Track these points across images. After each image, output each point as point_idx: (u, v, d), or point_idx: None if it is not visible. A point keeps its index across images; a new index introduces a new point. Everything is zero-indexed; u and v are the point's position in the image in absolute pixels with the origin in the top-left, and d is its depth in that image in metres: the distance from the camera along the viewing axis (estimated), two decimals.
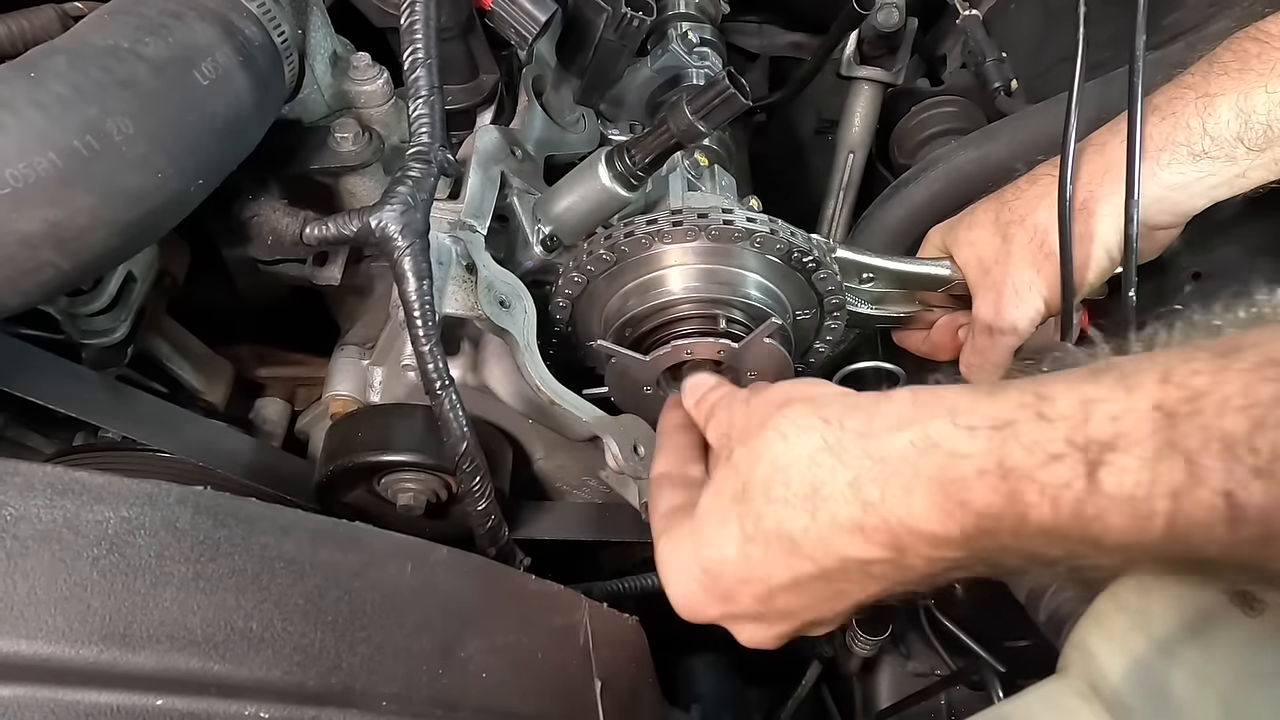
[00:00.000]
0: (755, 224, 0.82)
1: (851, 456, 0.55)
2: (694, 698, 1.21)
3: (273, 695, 0.54)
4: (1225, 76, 0.80)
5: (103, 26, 0.62)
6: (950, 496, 0.51)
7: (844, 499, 0.55)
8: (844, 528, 0.55)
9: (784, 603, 0.61)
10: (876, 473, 0.54)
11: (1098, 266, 0.87)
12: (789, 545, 0.57)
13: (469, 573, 0.68)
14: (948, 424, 0.52)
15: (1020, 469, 0.49)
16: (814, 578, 0.58)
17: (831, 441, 0.56)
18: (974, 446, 0.50)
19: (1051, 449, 0.48)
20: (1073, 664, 0.65)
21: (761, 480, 0.58)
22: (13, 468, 0.53)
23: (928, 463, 0.52)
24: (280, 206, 0.78)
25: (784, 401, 0.61)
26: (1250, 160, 0.80)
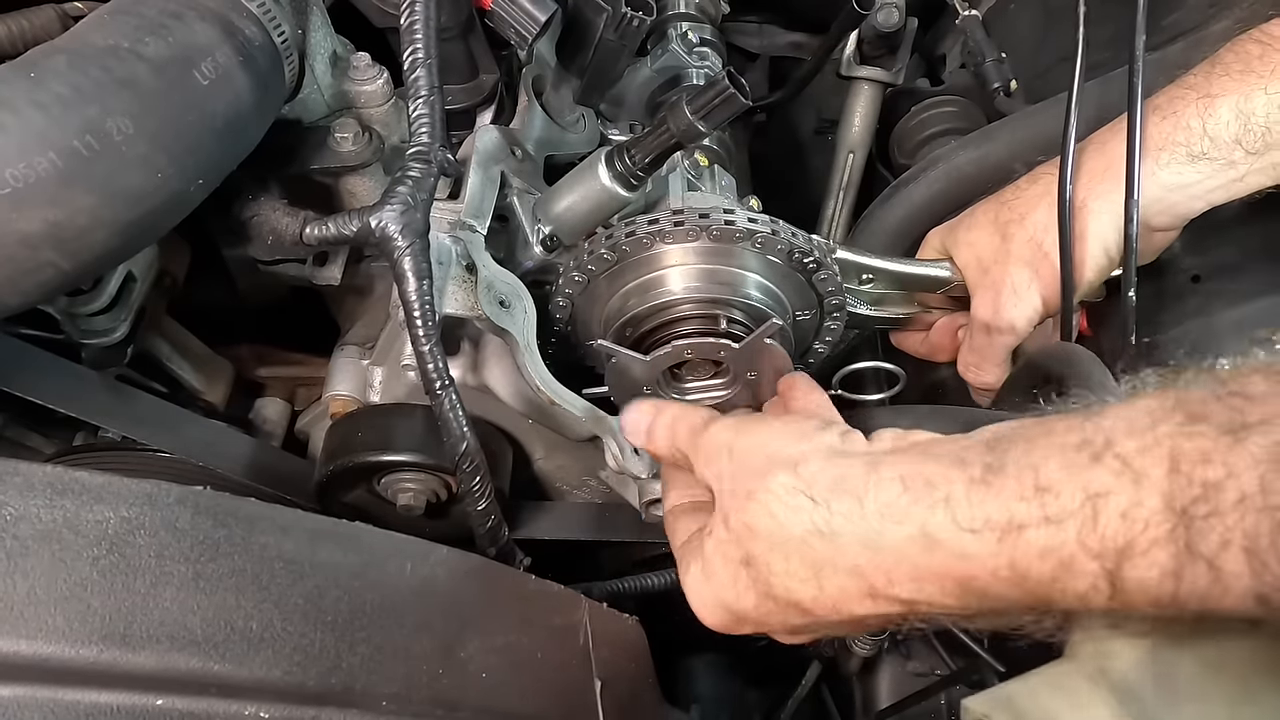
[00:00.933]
0: (756, 224, 0.82)
1: (846, 544, 0.54)
2: (694, 698, 1.21)
3: (273, 695, 0.54)
4: (1227, 78, 0.80)
5: (103, 26, 0.62)
6: (970, 590, 0.51)
7: (850, 581, 0.55)
8: (853, 596, 0.56)
9: (809, 631, 0.63)
10: (879, 562, 0.53)
11: (1096, 266, 0.87)
12: (801, 609, 0.58)
13: (469, 573, 0.68)
14: (946, 519, 0.51)
15: (1037, 576, 0.48)
16: (828, 624, 0.60)
17: (822, 526, 0.55)
18: (981, 549, 0.49)
19: (1065, 555, 0.46)
20: (1081, 649, 0.65)
21: (762, 555, 0.58)
22: (13, 468, 0.53)
23: (934, 560, 0.51)
24: (280, 206, 0.78)
25: (762, 470, 0.59)
26: (1248, 164, 0.80)
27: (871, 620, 0.58)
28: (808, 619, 0.59)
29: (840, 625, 0.60)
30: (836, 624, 0.60)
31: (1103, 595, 0.46)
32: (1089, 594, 0.46)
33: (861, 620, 0.58)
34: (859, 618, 0.57)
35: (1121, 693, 0.60)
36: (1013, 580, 0.49)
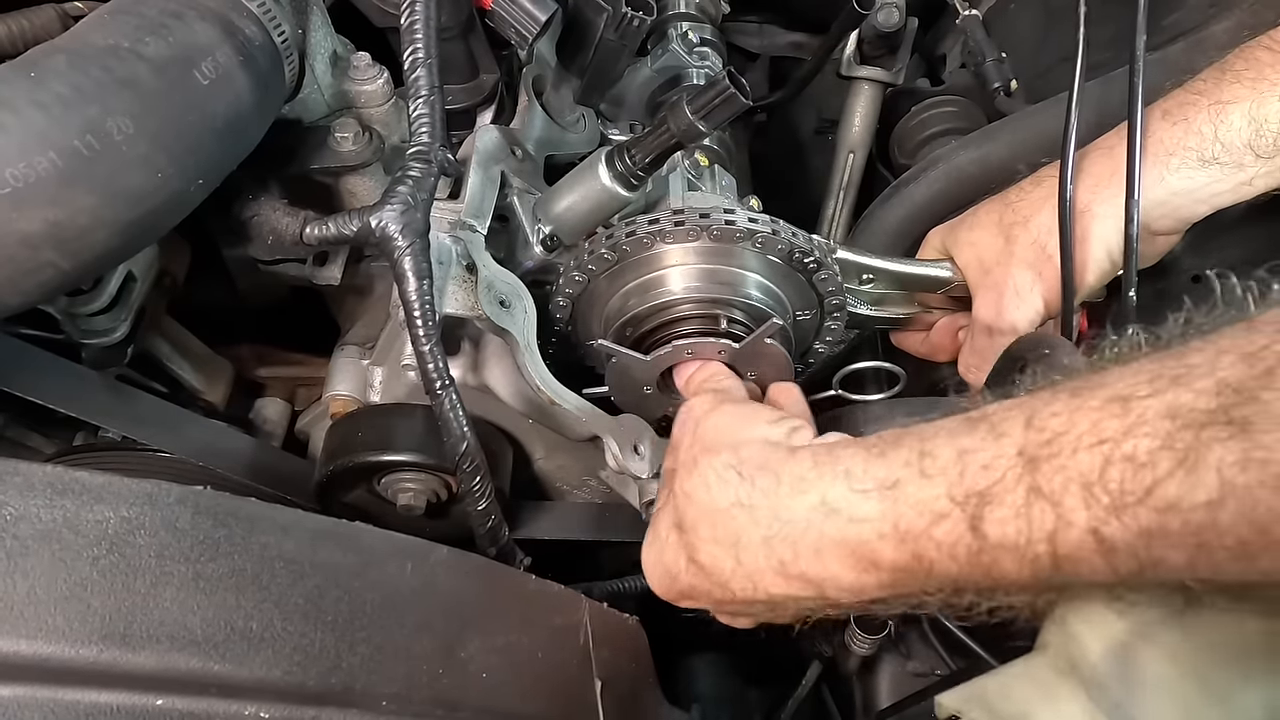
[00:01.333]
0: (757, 224, 0.82)
1: (762, 515, 0.60)
2: (694, 698, 1.21)
3: (273, 695, 0.54)
4: (1238, 84, 0.80)
5: (103, 26, 0.62)
6: (861, 558, 0.55)
7: (762, 553, 0.60)
8: (765, 573, 0.60)
9: (733, 609, 0.67)
10: (785, 533, 0.58)
11: (1098, 268, 0.87)
12: (721, 580, 0.63)
13: (469, 573, 0.68)
14: (844, 488, 0.56)
15: (914, 530, 0.52)
16: (746, 602, 0.63)
17: (744, 498, 0.61)
18: (869, 510, 0.54)
19: (936, 507, 0.51)
20: (1053, 641, 0.65)
21: (692, 520, 0.64)
22: (13, 468, 0.53)
23: (831, 527, 0.56)
24: (280, 206, 0.78)
25: (712, 446, 0.66)
26: (1257, 168, 0.80)
27: (787, 604, 0.62)
28: (728, 595, 0.63)
29: (759, 606, 0.64)
30: (756, 604, 0.63)
31: (966, 546, 0.50)
32: (956, 546, 0.50)
33: (776, 602, 0.62)
34: (774, 598, 0.61)
35: (1092, 685, 0.61)
36: (896, 540, 0.53)
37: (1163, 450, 0.43)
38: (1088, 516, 0.45)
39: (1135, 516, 0.44)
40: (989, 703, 0.67)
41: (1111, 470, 0.44)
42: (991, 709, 0.67)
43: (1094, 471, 0.45)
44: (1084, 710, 0.61)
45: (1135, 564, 0.45)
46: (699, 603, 0.69)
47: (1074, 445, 0.46)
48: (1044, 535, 0.47)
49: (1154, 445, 0.43)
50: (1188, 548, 0.43)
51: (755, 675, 1.31)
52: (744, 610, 0.67)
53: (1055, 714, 0.62)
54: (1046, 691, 0.63)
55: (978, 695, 0.69)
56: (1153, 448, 0.43)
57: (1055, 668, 0.64)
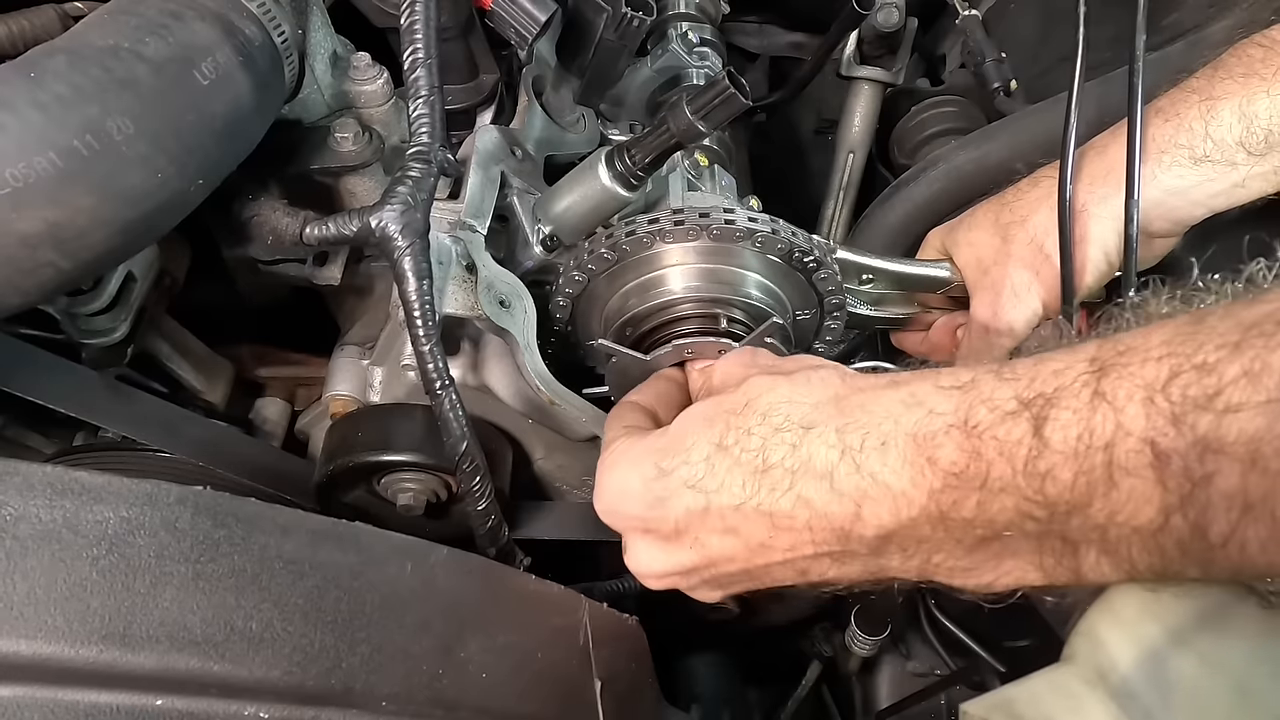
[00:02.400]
0: (757, 224, 0.82)
1: (849, 407, 0.58)
2: (694, 698, 1.21)
3: (273, 695, 0.54)
4: (1230, 80, 0.80)
5: (103, 26, 0.62)
6: (921, 451, 0.53)
7: (828, 442, 0.57)
8: (817, 471, 0.57)
9: (708, 528, 0.61)
10: (864, 422, 0.57)
11: (1096, 269, 0.87)
12: (759, 468, 0.59)
13: (469, 573, 0.68)
14: (931, 385, 0.56)
15: (981, 425, 0.51)
16: (760, 510, 0.59)
17: (841, 394, 0.60)
18: (947, 404, 0.54)
19: (1006, 406, 0.51)
20: (1080, 652, 0.65)
21: (767, 404, 0.61)
22: (13, 468, 0.53)
23: (909, 418, 0.55)
24: (280, 206, 0.78)
25: (818, 364, 0.65)
26: (1250, 167, 0.80)
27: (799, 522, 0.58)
28: (749, 492, 0.59)
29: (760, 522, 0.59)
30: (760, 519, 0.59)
31: (1026, 450, 0.49)
32: (1017, 448, 0.49)
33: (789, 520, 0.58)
34: (795, 513, 0.57)
35: (1121, 696, 0.61)
36: (961, 435, 0.52)
37: (1231, 356, 0.43)
38: (1146, 425, 0.45)
39: (1194, 425, 0.43)
40: (1015, 712, 0.66)
41: (1178, 379, 0.44)
42: (1018, 718, 0.66)
43: (1160, 380, 0.45)
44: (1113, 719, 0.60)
45: (1188, 484, 0.44)
46: (662, 512, 0.62)
47: (1144, 356, 0.46)
48: (1102, 443, 0.46)
49: (1223, 353, 0.43)
50: (1241, 461, 0.42)
51: (755, 675, 1.32)
52: (713, 533, 0.61)
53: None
54: (1074, 702, 0.63)
55: (1003, 704, 0.68)
56: (1222, 355, 0.43)
57: (1083, 678, 0.64)
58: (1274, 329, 0.42)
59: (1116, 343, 0.48)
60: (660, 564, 0.65)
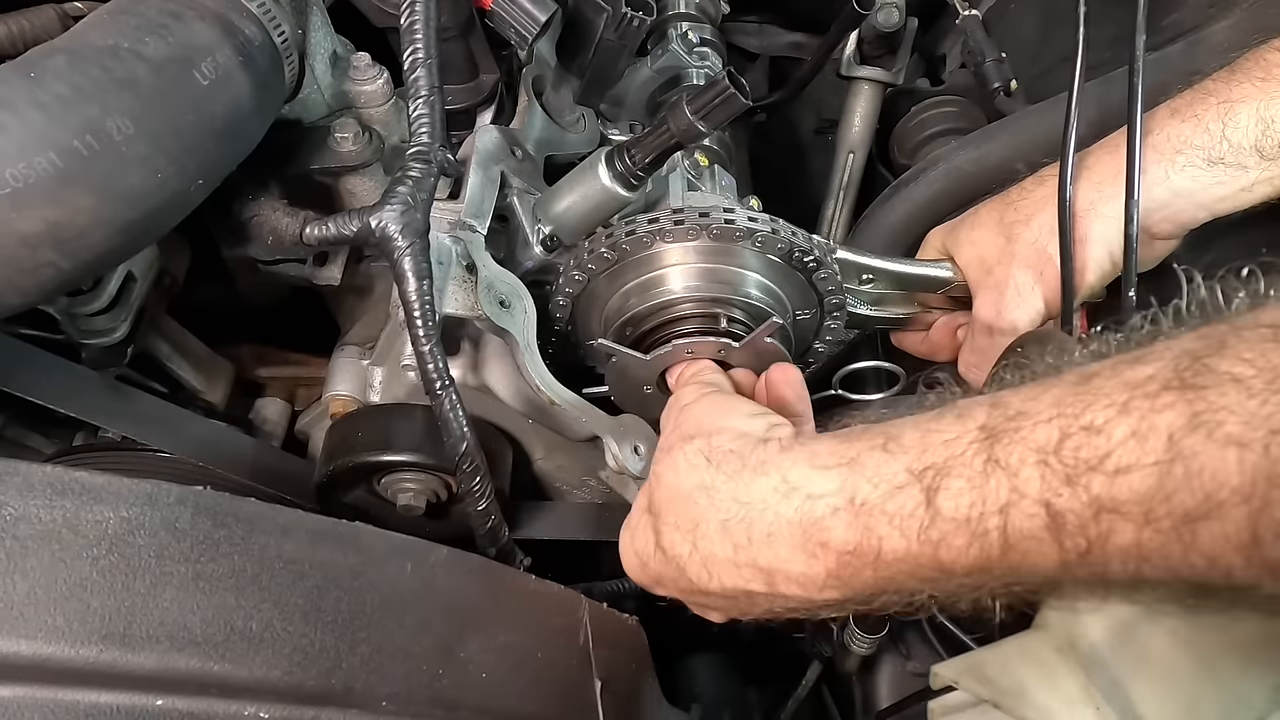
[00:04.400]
0: (756, 223, 0.82)
1: (722, 499, 0.60)
2: (694, 698, 1.21)
3: (272, 695, 0.54)
4: (1248, 83, 0.81)
5: (102, 26, 0.62)
6: (810, 538, 0.55)
7: (717, 538, 0.60)
8: (719, 561, 0.60)
9: (700, 600, 0.67)
10: (742, 516, 0.59)
11: (1099, 269, 0.87)
12: (679, 566, 0.63)
13: (469, 573, 0.68)
14: (806, 466, 0.57)
15: (869, 502, 0.52)
16: (708, 592, 0.63)
17: (707, 483, 0.62)
18: (827, 485, 0.55)
19: (895, 480, 0.52)
20: (1052, 620, 0.66)
21: (660, 504, 0.65)
22: (13, 468, 0.53)
23: (787, 507, 0.56)
24: (280, 206, 0.78)
25: (690, 434, 0.67)
26: (1260, 171, 0.81)
27: (739, 598, 0.62)
28: (687, 583, 0.63)
29: (716, 598, 0.64)
30: (712, 595, 0.63)
31: (918, 521, 0.50)
32: (909, 520, 0.50)
33: (730, 593, 0.61)
34: (727, 589, 0.61)
35: (1090, 664, 0.61)
36: (849, 515, 0.53)
37: (1119, 418, 0.43)
38: (1041, 487, 0.45)
39: (1087, 485, 0.44)
40: (986, 675, 0.68)
41: (1069, 441, 0.45)
42: (988, 681, 0.67)
43: (1051, 443, 0.45)
44: (1081, 688, 0.61)
45: (1084, 541, 0.44)
46: (667, 590, 0.69)
47: (1034, 420, 0.47)
48: (996, 508, 0.47)
49: (1111, 414, 0.44)
50: (1135, 520, 0.42)
51: (755, 675, 1.31)
52: (705, 601, 0.67)
53: (1052, 689, 0.63)
54: (1044, 668, 0.64)
55: (974, 667, 0.69)
56: (1109, 416, 0.44)
57: (1053, 645, 0.64)
58: (1158, 390, 0.43)
59: (1005, 408, 0.49)
60: (707, 616, 0.71)
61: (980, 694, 0.68)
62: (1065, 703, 0.62)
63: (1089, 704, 0.61)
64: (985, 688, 0.67)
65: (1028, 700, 0.63)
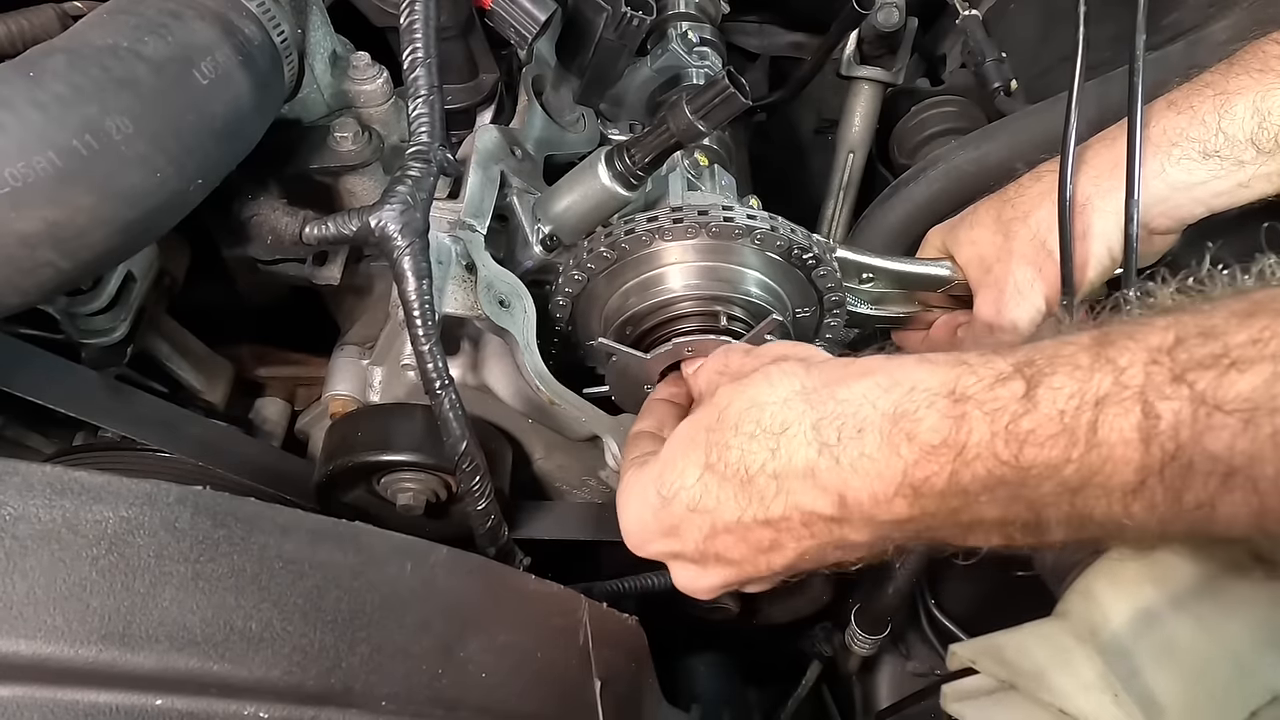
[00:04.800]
0: (755, 221, 0.82)
1: (820, 399, 0.58)
2: (694, 698, 1.21)
3: (272, 695, 0.54)
4: (1245, 76, 0.81)
5: (102, 26, 0.62)
6: (899, 428, 0.53)
7: (805, 440, 0.57)
8: (798, 471, 0.57)
9: (723, 545, 0.63)
10: (839, 412, 0.56)
11: (1099, 265, 0.87)
12: (743, 480, 0.60)
13: (469, 573, 0.68)
14: (914, 364, 0.55)
15: (969, 393, 0.51)
16: (757, 520, 0.60)
17: (808, 387, 0.59)
18: (932, 379, 0.53)
19: (1000, 373, 0.51)
20: (1074, 608, 0.66)
21: (737, 413, 0.61)
22: (12, 468, 0.53)
23: (887, 399, 0.55)
24: (280, 206, 0.78)
25: (781, 355, 0.64)
26: (1257, 166, 0.80)
27: (793, 526, 0.59)
28: (743, 506, 0.60)
29: (761, 531, 0.60)
30: (756, 528, 0.60)
31: (1011, 413, 0.49)
32: (1002, 410, 0.49)
33: (783, 519, 0.59)
34: (787, 512, 0.58)
35: (1110, 651, 0.61)
36: (945, 404, 0.52)
37: (1241, 325, 0.43)
38: (1144, 383, 0.45)
39: (1193, 383, 0.43)
40: (1004, 657, 0.67)
41: (1183, 344, 0.45)
42: (1005, 663, 0.67)
43: (1166, 344, 0.45)
44: (1099, 675, 0.61)
45: (1173, 444, 0.44)
46: (680, 537, 0.64)
47: (1151, 325, 0.47)
48: (1093, 400, 0.46)
49: (1232, 323, 0.44)
50: (1236, 419, 0.42)
51: (755, 675, 1.32)
52: (731, 547, 0.63)
53: (1071, 675, 0.62)
54: (1063, 654, 0.64)
55: (993, 649, 0.69)
56: (1231, 324, 0.44)
57: (1073, 632, 0.64)
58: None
59: (1123, 320, 0.49)
60: (701, 582, 0.68)
61: (998, 675, 0.67)
62: (1082, 688, 0.61)
63: (1107, 690, 0.60)
64: (1003, 669, 0.67)
65: (1045, 683, 0.63)
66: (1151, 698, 0.58)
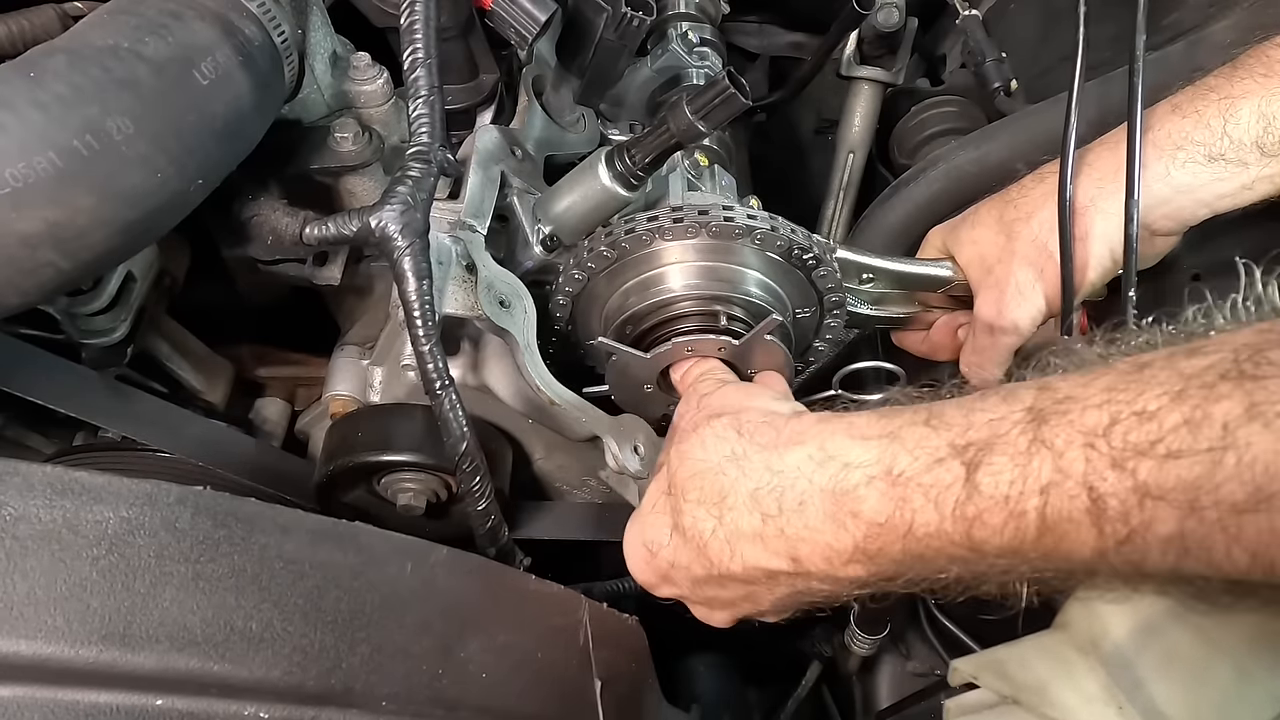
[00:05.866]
0: (755, 221, 0.82)
1: (753, 468, 0.59)
2: (694, 698, 1.21)
3: (272, 695, 0.54)
4: (1249, 80, 0.81)
5: (103, 26, 0.62)
6: (842, 506, 0.54)
7: (745, 508, 0.59)
8: (745, 535, 0.59)
9: (710, 592, 0.66)
10: (774, 484, 0.58)
11: (1100, 266, 0.87)
12: (699, 545, 0.62)
13: (469, 573, 0.68)
14: (844, 437, 0.56)
15: (906, 474, 0.52)
16: (724, 576, 0.62)
17: (739, 453, 0.61)
18: (865, 455, 0.54)
19: (935, 454, 0.51)
20: (1074, 619, 0.65)
21: (682, 480, 0.63)
22: (13, 468, 0.53)
23: (822, 474, 0.55)
24: (280, 206, 0.78)
25: (717, 411, 0.66)
26: (1260, 168, 0.80)
27: (760, 579, 0.60)
28: (704, 565, 0.62)
29: (734, 585, 0.63)
30: (730, 579, 0.62)
31: (955, 497, 0.49)
32: (945, 494, 0.50)
33: (750, 575, 0.60)
34: (748, 569, 0.60)
35: (1112, 663, 0.61)
36: (885, 485, 0.52)
37: (1173, 405, 0.43)
38: (1086, 470, 0.45)
39: (1134, 470, 0.43)
40: (1005, 671, 0.67)
41: (1118, 426, 0.44)
42: (1007, 677, 0.67)
43: (1100, 426, 0.45)
44: (1102, 686, 0.61)
45: (1124, 528, 0.44)
46: (675, 586, 0.67)
47: (1084, 404, 0.46)
48: (1037, 488, 0.46)
49: (1164, 401, 0.43)
50: (1180, 508, 0.42)
51: (755, 675, 1.32)
52: (718, 593, 0.65)
53: (1073, 688, 0.62)
54: (1065, 667, 0.63)
55: (994, 663, 0.69)
56: (1163, 403, 0.43)
57: (1074, 644, 0.64)
58: (1215, 380, 0.42)
59: (1054, 392, 0.48)
60: (711, 619, 0.71)
61: (1000, 690, 0.67)
62: (1086, 700, 0.61)
63: (1111, 703, 0.60)
64: (1004, 683, 0.67)
65: (1048, 697, 0.63)
66: (1156, 709, 0.58)
